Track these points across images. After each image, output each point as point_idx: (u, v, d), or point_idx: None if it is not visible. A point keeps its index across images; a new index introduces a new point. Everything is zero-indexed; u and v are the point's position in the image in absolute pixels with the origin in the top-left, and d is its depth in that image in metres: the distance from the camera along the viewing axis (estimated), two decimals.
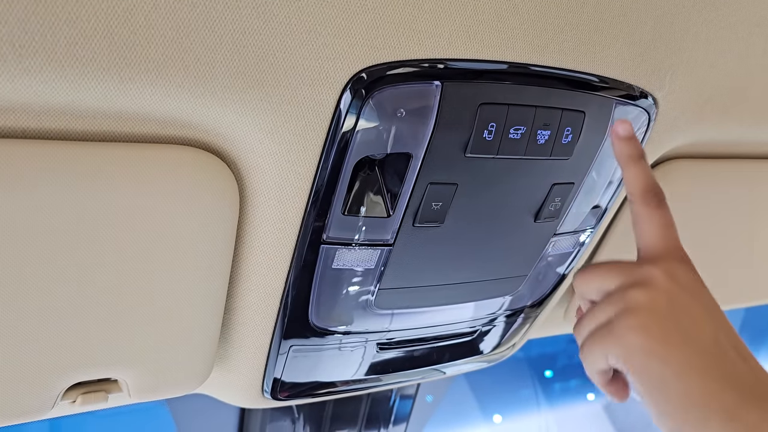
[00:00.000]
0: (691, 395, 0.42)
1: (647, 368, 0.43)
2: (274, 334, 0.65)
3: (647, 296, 0.45)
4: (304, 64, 0.46)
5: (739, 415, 0.40)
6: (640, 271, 0.47)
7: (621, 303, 0.46)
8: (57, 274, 0.48)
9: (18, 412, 0.55)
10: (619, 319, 0.45)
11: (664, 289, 0.45)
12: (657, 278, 0.46)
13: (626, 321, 0.44)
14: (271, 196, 0.54)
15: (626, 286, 0.47)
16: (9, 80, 0.39)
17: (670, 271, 0.46)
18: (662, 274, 0.46)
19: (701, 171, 0.81)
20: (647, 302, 0.45)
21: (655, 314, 0.44)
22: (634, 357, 0.44)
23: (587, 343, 0.48)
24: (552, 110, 0.57)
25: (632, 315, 0.44)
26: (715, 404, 0.41)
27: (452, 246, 0.63)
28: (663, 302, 0.44)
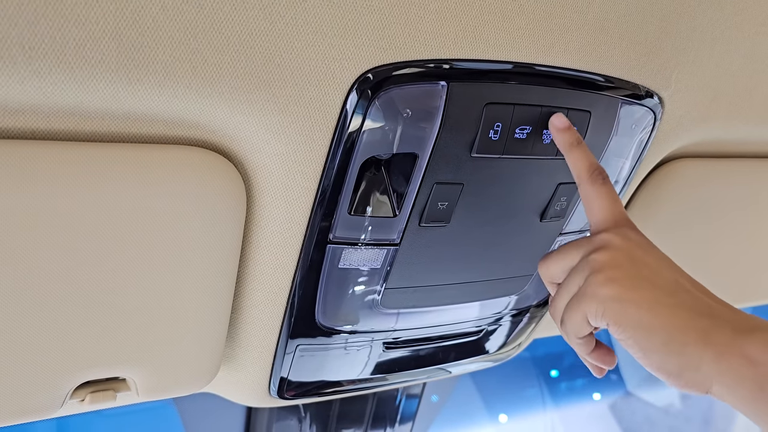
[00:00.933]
0: (668, 326, 0.45)
1: (624, 314, 0.47)
2: (281, 334, 0.65)
3: (608, 255, 0.49)
4: (311, 64, 0.46)
5: (713, 336, 0.44)
6: (596, 239, 0.51)
7: (586, 269, 0.50)
8: (65, 274, 0.48)
9: (27, 410, 0.55)
10: (588, 281, 0.49)
11: (621, 247, 0.49)
12: (612, 240, 0.50)
13: (594, 279, 0.48)
14: (278, 196, 0.54)
15: (587, 254, 0.51)
16: (19, 82, 0.39)
17: (623, 234, 0.51)
18: (616, 236, 0.50)
19: (707, 170, 0.81)
20: (609, 260, 0.49)
21: (618, 267, 0.48)
22: (610, 307, 0.47)
23: (565, 313, 0.51)
24: (558, 110, 0.57)
25: (599, 272, 0.48)
26: (691, 330, 0.45)
27: (458, 246, 0.63)
28: (623, 257, 0.49)
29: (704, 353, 0.44)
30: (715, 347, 0.44)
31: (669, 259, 0.51)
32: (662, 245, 0.87)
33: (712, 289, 0.50)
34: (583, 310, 0.49)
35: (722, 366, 0.43)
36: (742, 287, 1.07)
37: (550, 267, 0.55)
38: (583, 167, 0.54)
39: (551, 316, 0.54)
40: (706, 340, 0.44)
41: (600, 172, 0.53)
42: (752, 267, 1.03)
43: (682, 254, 0.91)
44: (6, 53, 0.38)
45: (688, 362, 0.44)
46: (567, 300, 0.51)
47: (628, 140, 0.64)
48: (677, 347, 0.45)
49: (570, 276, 0.52)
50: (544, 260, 0.55)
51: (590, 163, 0.54)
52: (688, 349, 0.44)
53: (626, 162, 0.67)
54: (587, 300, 0.48)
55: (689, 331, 0.45)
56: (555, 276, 0.55)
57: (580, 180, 0.54)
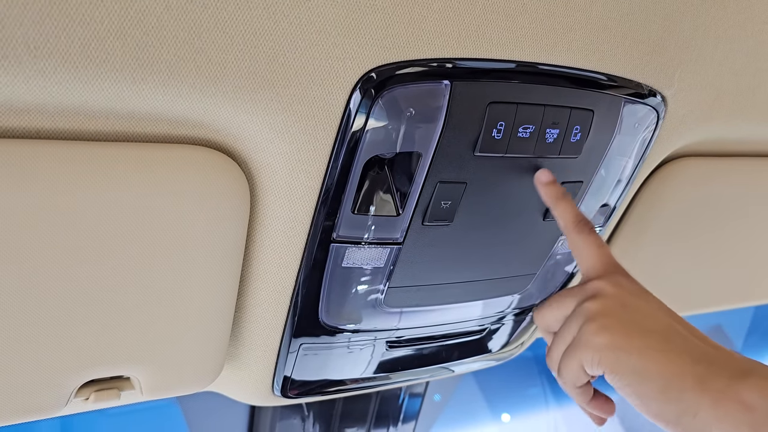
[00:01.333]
0: (664, 373, 0.46)
1: (619, 362, 0.47)
2: (284, 333, 0.65)
3: (600, 303, 0.50)
4: (315, 64, 0.46)
5: (709, 383, 0.45)
6: (589, 287, 0.53)
7: (580, 317, 0.51)
8: (70, 273, 0.48)
9: (32, 409, 0.55)
10: (582, 330, 0.50)
11: (613, 294, 0.51)
12: (604, 288, 0.51)
13: (589, 328, 0.49)
14: (282, 194, 0.54)
15: (580, 302, 0.52)
16: (24, 81, 0.40)
17: (614, 281, 0.52)
18: (607, 284, 0.52)
19: (710, 169, 0.81)
20: (602, 308, 0.50)
21: (611, 315, 0.49)
22: (605, 356, 0.48)
23: (561, 362, 0.52)
24: (561, 109, 0.57)
25: (592, 322, 0.50)
26: (687, 377, 0.45)
27: (461, 244, 0.63)
28: (615, 305, 0.50)
29: (701, 400, 0.44)
30: (711, 393, 0.44)
31: (661, 302, 0.52)
32: (665, 244, 0.87)
33: (716, 288, 0.51)
34: (578, 359, 0.50)
35: (719, 412, 0.44)
36: (746, 286, 1.07)
37: (546, 316, 0.56)
38: (569, 218, 0.56)
39: (548, 366, 0.55)
40: (702, 387, 0.45)
41: (586, 222, 0.56)
42: (755, 265, 1.03)
43: (685, 253, 0.91)
44: (11, 52, 0.38)
45: (686, 409, 0.45)
46: (563, 349, 0.52)
47: (631, 139, 0.64)
48: (675, 394, 0.45)
49: (565, 325, 0.53)
50: (539, 309, 0.57)
51: (575, 215, 0.56)
52: (685, 396, 0.45)
53: (629, 161, 0.67)
54: (582, 349, 0.49)
55: (685, 377, 0.45)
56: (551, 325, 0.56)
57: (568, 231, 0.56)
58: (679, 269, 0.94)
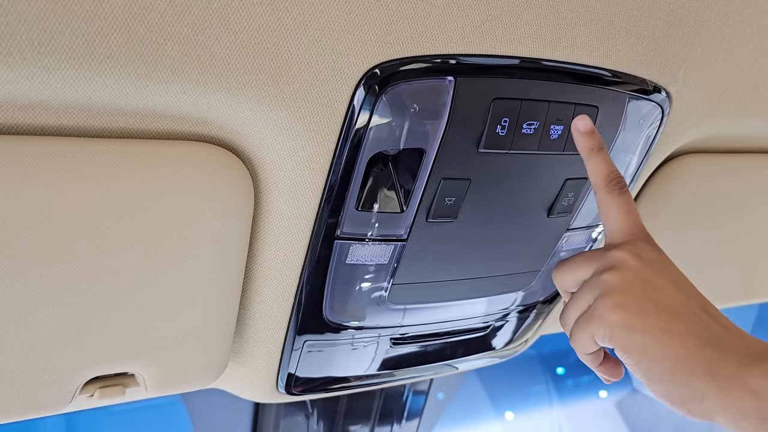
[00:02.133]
0: (673, 356, 0.45)
1: (630, 341, 0.47)
2: (288, 329, 0.65)
3: (618, 277, 0.49)
4: (318, 60, 0.46)
5: (720, 367, 0.44)
6: (609, 255, 0.51)
7: (597, 288, 0.50)
8: (74, 270, 0.49)
9: (37, 405, 0.56)
10: (598, 302, 0.49)
11: (632, 267, 0.49)
12: (624, 260, 0.50)
13: (604, 302, 0.49)
14: (286, 191, 0.54)
15: (599, 272, 0.51)
16: (29, 78, 0.40)
17: (636, 251, 0.50)
18: (628, 255, 0.50)
19: (715, 166, 0.81)
20: (619, 283, 0.49)
21: (627, 292, 0.48)
22: (617, 333, 0.47)
23: (574, 330, 0.52)
24: (565, 105, 0.57)
25: (608, 296, 0.48)
26: (697, 360, 0.45)
27: (465, 241, 0.63)
28: (633, 280, 0.49)
29: (708, 386, 0.44)
30: (719, 380, 0.44)
31: (682, 276, 0.51)
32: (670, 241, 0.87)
33: (722, 284, 0.50)
34: (591, 332, 0.50)
35: (726, 400, 0.43)
36: (751, 283, 1.07)
37: (564, 278, 0.55)
38: (601, 175, 0.53)
39: (561, 326, 0.55)
40: (711, 373, 0.44)
41: (618, 181, 0.53)
42: (760, 263, 1.03)
43: (690, 250, 0.91)
44: (16, 49, 0.38)
45: (692, 393, 0.45)
46: (577, 315, 0.52)
47: (635, 135, 0.64)
48: (682, 378, 0.45)
49: (581, 291, 0.52)
50: (558, 268, 0.56)
51: (609, 171, 0.53)
52: (692, 381, 0.44)
53: (634, 157, 0.67)
54: (595, 323, 0.49)
55: (695, 362, 0.45)
56: (568, 286, 0.55)
57: (598, 188, 0.53)
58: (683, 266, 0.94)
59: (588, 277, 0.52)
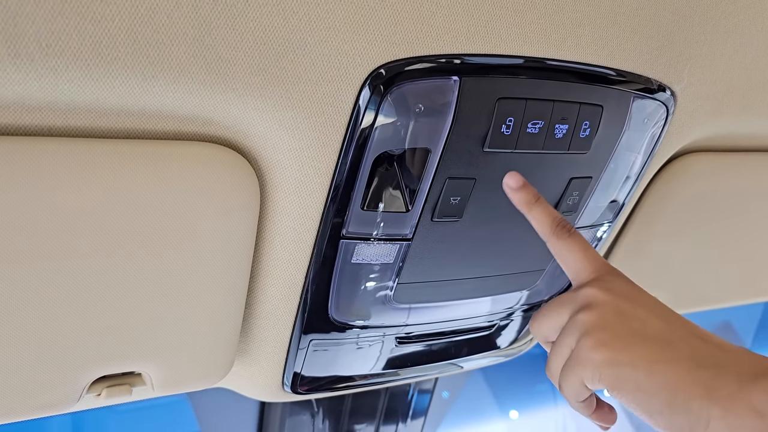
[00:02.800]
0: (667, 385, 0.43)
1: (619, 378, 0.45)
2: (294, 329, 0.65)
3: (594, 315, 0.48)
4: (324, 60, 0.47)
5: (718, 386, 0.42)
6: (580, 295, 0.50)
7: (575, 330, 0.49)
8: (81, 269, 0.49)
9: (45, 405, 0.56)
10: (579, 344, 0.48)
11: (606, 302, 0.48)
12: (596, 296, 0.49)
13: (586, 343, 0.47)
14: (292, 191, 0.54)
15: (574, 313, 0.50)
16: (36, 79, 0.40)
17: (605, 286, 0.49)
18: (599, 291, 0.49)
19: (720, 165, 0.81)
20: (596, 320, 0.48)
21: (607, 328, 0.47)
22: (605, 372, 0.46)
23: (561, 378, 0.50)
24: (570, 104, 0.57)
25: (588, 336, 0.47)
26: (693, 384, 0.43)
27: (470, 240, 0.63)
28: (609, 315, 0.47)
29: (711, 410, 0.42)
30: (721, 401, 0.42)
31: (657, 301, 0.49)
32: (674, 240, 0.87)
33: (726, 284, 0.49)
34: (578, 376, 0.48)
35: (730, 422, 0.41)
36: (756, 282, 1.07)
37: (541, 327, 0.54)
38: (546, 223, 0.53)
39: (549, 377, 0.53)
40: (710, 395, 0.42)
41: (563, 224, 0.53)
42: (765, 261, 1.02)
43: (695, 249, 0.91)
44: (24, 50, 0.38)
45: (696, 421, 0.42)
46: (561, 364, 0.50)
47: (640, 134, 0.64)
48: (681, 406, 0.43)
49: (561, 337, 0.51)
50: (534, 319, 0.55)
51: (552, 218, 0.53)
52: (693, 406, 0.42)
53: (638, 156, 0.67)
54: (581, 366, 0.47)
55: (691, 386, 0.43)
56: (547, 335, 0.54)
57: (546, 237, 0.53)
58: (688, 265, 0.94)
59: (565, 322, 0.51)
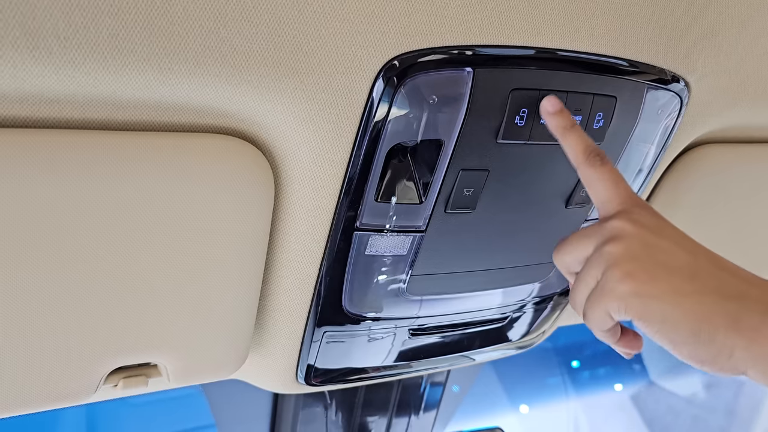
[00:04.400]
0: (693, 316, 0.44)
1: (647, 308, 0.45)
2: (308, 321, 0.66)
3: (621, 247, 0.47)
4: (338, 52, 0.47)
5: (741, 320, 0.43)
6: (607, 226, 0.49)
7: (601, 262, 0.48)
8: (98, 261, 0.49)
9: (64, 395, 0.56)
10: (605, 276, 0.47)
11: (633, 234, 0.48)
12: (624, 228, 0.48)
13: (612, 275, 0.47)
14: (306, 183, 0.54)
15: (600, 245, 0.49)
16: (55, 72, 0.40)
17: (633, 218, 0.49)
18: (627, 223, 0.48)
19: (734, 156, 0.81)
20: (623, 252, 0.47)
21: (633, 260, 0.47)
22: (631, 304, 0.46)
23: (586, 308, 0.50)
24: (583, 95, 0.57)
25: (615, 268, 0.47)
26: (718, 315, 0.43)
27: (483, 232, 0.63)
28: (637, 247, 0.47)
29: (735, 340, 0.42)
30: (745, 333, 0.42)
31: (685, 235, 0.49)
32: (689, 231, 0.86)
33: None
34: (604, 307, 0.48)
35: (754, 352, 0.42)
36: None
37: (564, 257, 0.53)
38: (579, 150, 0.52)
39: (572, 307, 0.53)
40: (735, 326, 0.43)
41: (597, 152, 0.52)
42: None
43: (709, 241, 0.90)
44: (43, 43, 0.38)
45: (720, 350, 0.43)
46: (586, 294, 0.50)
47: (654, 126, 0.64)
48: (707, 336, 0.43)
49: (586, 269, 0.50)
50: (558, 250, 0.54)
51: (586, 146, 0.52)
52: (718, 337, 0.43)
53: (652, 147, 0.67)
54: (607, 297, 0.47)
55: (717, 317, 0.43)
56: (571, 266, 0.53)
57: (578, 163, 0.52)
58: None
59: (590, 253, 0.50)
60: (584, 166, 0.52)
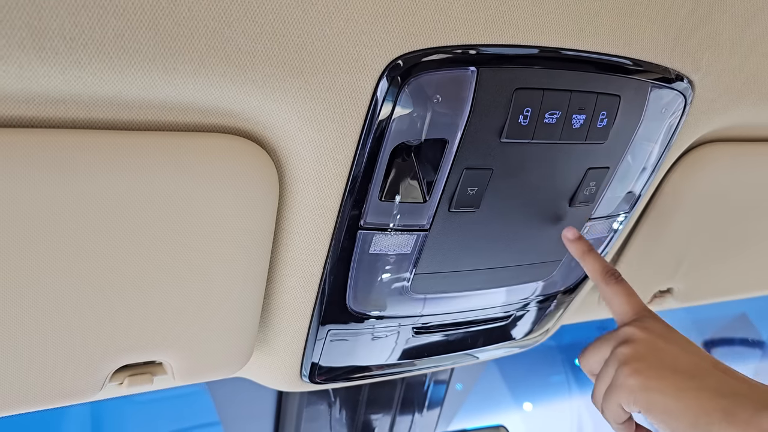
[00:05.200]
0: (692, 410, 0.50)
1: (651, 401, 0.53)
2: (312, 319, 0.66)
3: (631, 348, 0.56)
4: (342, 52, 0.47)
5: (736, 413, 0.49)
6: (621, 332, 0.58)
7: (615, 361, 0.57)
8: (103, 259, 0.50)
9: (70, 392, 0.57)
10: (617, 372, 0.56)
11: (642, 339, 0.56)
12: (635, 333, 0.57)
13: (623, 371, 0.55)
14: (310, 182, 0.55)
15: (615, 347, 0.58)
16: (60, 72, 0.40)
17: (644, 325, 0.57)
18: (637, 329, 0.57)
19: (738, 155, 0.80)
20: (633, 352, 0.56)
21: (641, 359, 0.55)
22: (639, 396, 0.53)
23: (603, 402, 0.58)
24: (587, 94, 0.57)
25: (626, 365, 0.55)
26: (714, 410, 0.49)
27: (487, 231, 0.63)
28: (645, 349, 0.55)
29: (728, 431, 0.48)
30: (737, 426, 0.48)
31: (688, 341, 0.57)
32: (692, 231, 0.87)
33: (746, 274, 0.52)
34: (617, 400, 0.55)
35: None
36: None
37: (589, 360, 0.62)
38: (597, 271, 0.62)
39: (594, 404, 0.61)
40: (728, 419, 0.48)
41: (612, 272, 0.62)
42: None
43: (713, 240, 0.90)
44: (49, 44, 0.39)
45: None
46: (604, 390, 0.58)
47: (657, 124, 0.64)
48: (703, 428, 0.49)
49: (603, 368, 0.59)
50: (582, 354, 0.63)
51: (603, 267, 0.62)
52: (713, 429, 0.49)
53: (656, 146, 0.67)
54: (618, 391, 0.55)
55: (712, 412, 0.49)
56: (593, 368, 0.62)
57: (597, 282, 0.62)
58: (705, 256, 0.94)
59: (608, 356, 0.58)
60: (602, 284, 0.62)
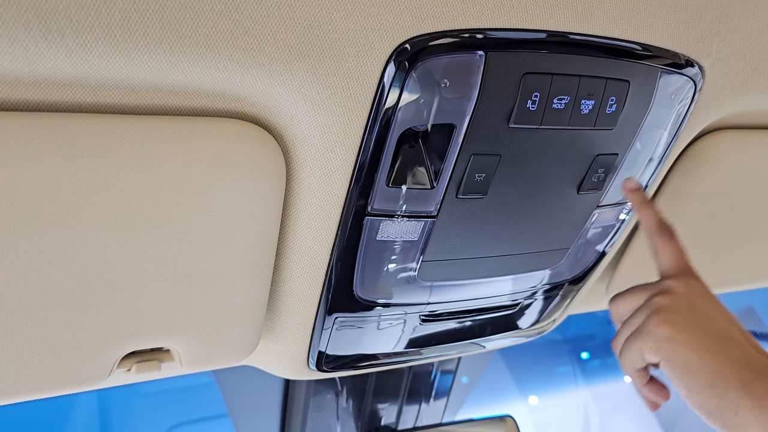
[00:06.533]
0: (712, 372, 0.50)
1: (675, 354, 0.52)
2: (319, 306, 0.66)
3: (669, 299, 0.55)
4: (350, 35, 0.47)
5: (753, 386, 0.49)
6: (662, 284, 0.57)
7: (648, 309, 0.56)
8: (110, 244, 0.50)
9: (78, 379, 0.57)
10: (648, 319, 0.55)
11: (682, 293, 0.55)
12: (676, 287, 0.56)
13: (654, 319, 0.54)
14: (317, 167, 0.54)
15: (652, 296, 0.57)
16: (67, 55, 0.40)
17: (687, 282, 0.56)
18: (680, 284, 0.56)
19: (749, 142, 0.80)
20: (670, 303, 0.55)
21: (676, 311, 0.54)
22: (663, 346, 0.53)
23: (624, 346, 0.57)
24: (596, 79, 0.56)
25: (658, 314, 0.54)
26: (732, 378, 0.50)
27: (495, 217, 0.63)
28: (683, 303, 0.55)
29: (743, 400, 0.49)
30: (753, 396, 0.48)
31: (726, 310, 0.56)
32: (700, 219, 0.86)
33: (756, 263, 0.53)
34: (639, 346, 0.55)
35: (758, 414, 0.48)
36: None
37: (620, 306, 0.61)
38: (653, 222, 0.60)
39: (612, 348, 0.60)
40: (746, 388, 0.49)
41: (668, 228, 0.60)
42: None
43: (723, 227, 0.90)
44: (55, 26, 0.38)
45: (728, 405, 0.49)
46: (627, 334, 0.57)
47: (667, 111, 0.64)
48: (719, 390, 0.50)
49: (634, 314, 0.58)
50: (614, 300, 0.62)
51: (659, 219, 0.61)
52: (728, 393, 0.49)
53: (665, 133, 0.66)
54: (644, 337, 0.54)
55: (732, 378, 0.50)
56: (623, 314, 0.61)
57: (650, 233, 0.60)
58: (714, 245, 0.93)
59: (642, 303, 0.58)
60: (655, 236, 0.60)
